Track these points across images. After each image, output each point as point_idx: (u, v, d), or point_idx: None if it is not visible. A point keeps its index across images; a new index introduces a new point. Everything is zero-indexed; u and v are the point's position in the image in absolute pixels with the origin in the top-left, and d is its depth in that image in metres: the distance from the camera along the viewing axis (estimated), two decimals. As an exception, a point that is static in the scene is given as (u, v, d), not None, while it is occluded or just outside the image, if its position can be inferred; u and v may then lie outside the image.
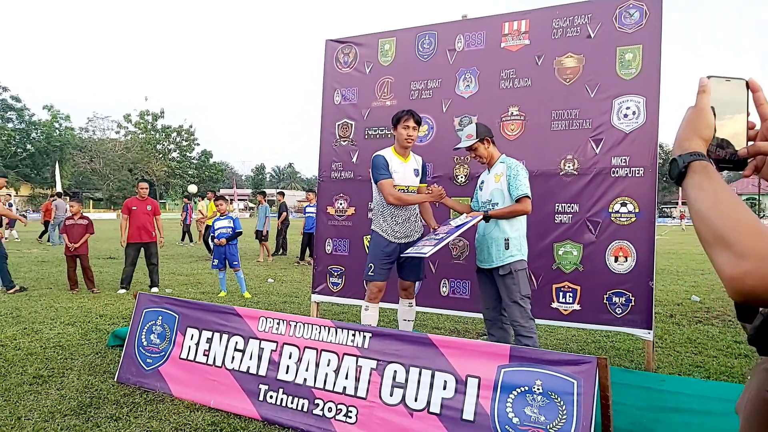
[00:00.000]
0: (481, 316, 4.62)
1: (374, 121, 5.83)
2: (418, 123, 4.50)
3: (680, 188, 0.96)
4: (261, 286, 9.54)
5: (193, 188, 26.44)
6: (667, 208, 47.51)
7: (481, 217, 3.99)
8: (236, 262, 8.60)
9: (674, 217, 45.10)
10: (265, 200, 14.64)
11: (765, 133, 0.94)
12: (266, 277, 10.69)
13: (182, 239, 19.47)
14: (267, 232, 14.15)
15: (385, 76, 5.78)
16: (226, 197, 9.51)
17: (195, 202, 21.92)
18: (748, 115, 0.94)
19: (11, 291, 8.35)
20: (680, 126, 0.97)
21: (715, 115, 0.94)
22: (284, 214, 14.69)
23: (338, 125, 6.03)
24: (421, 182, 4.65)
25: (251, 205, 78.27)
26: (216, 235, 8.62)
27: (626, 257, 4.72)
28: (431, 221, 4.56)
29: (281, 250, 15.48)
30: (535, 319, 4.15)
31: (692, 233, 30.68)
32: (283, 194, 15.36)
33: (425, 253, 3.91)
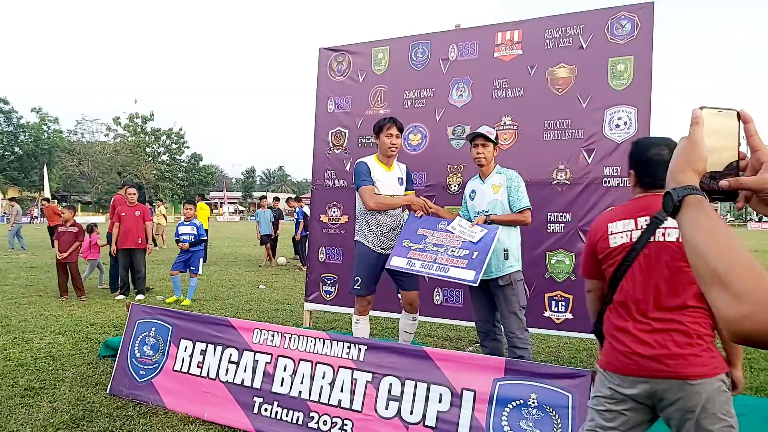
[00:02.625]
0: (474, 324, 4.63)
1: (368, 130, 5.81)
2: (401, 130, 4.44)
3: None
4: (252, 292, 9.50)
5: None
6: (655, 211, 47.80)
7: (498, 227, 3.93)
8: (194, 268, 8.52)
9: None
10: (268, 205, 14.64)
11: (754, 165, 0.94)
12: (257, 283, 10.65)
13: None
14: (277, 236, 14.38)
15: (378, 85, 5.80)
16: (196, 202, 9.35)
17: (154, 207, 21.82)
18: (739, 145, 0.95)
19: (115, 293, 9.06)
20: (673, 157, 0.98)
21: (707, 146, 0.95)
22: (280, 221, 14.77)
23: (332, 133, 6.04)
24: (406, 190, 4.56)
25: (241, 208, 78.07)
26: (180, 239, 8.51)
27: (618, 266, 4.74)
28: None
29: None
30: (528, 328, 4.17)
31: (681, 237, 30.94)
32: (278, 200, 15.49)
33: (474, 281, 3.71)
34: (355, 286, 4.46)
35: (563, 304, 4.93)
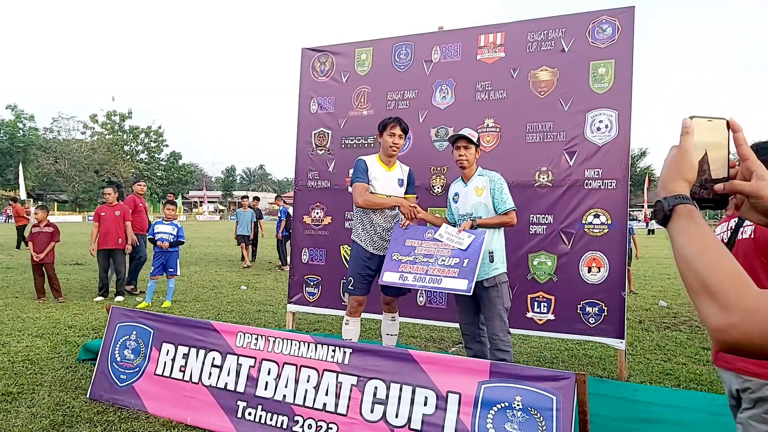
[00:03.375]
0: (457, 325, 4.64)
1: (351, 131, 5.83)
2: (405, 131, 4.43)
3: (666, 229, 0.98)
4: (234, 293, 9.42)
5: None
6: (633, 211, 48.67)
7: (485, 231, 3.95)
8: (172, 269, 8.41)
9: (639, 220, 46.09)
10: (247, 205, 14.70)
11: (744, 173, 0.97)
12: (239, 284, 10.57)
13: None
14: (257, 236, 14.44)
15: (361, 86, 5.79)
16: (175, 203, 9.17)
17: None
18: (729, 154, 0.97)
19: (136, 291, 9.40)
20: (664, 166, 0.99)
21: (697, 153, 0.97)
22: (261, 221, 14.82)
23: (315, 134, 6.02)
24: (407, 193, 4.54)
25: (221, 207, 77.44)
26: (157, 238, 8.33)
27: (599, 268, 4.81)
28: None
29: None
30: (511, 329, 4.19)
31: (658, 237, 31.35)
32: (258, 199, 15.60)
33: (467, 290, 3.74)
34: (349, 286, 4.47)
35: (545, 305, 4.97)
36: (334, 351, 3.42)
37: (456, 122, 5.30)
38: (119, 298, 8.57)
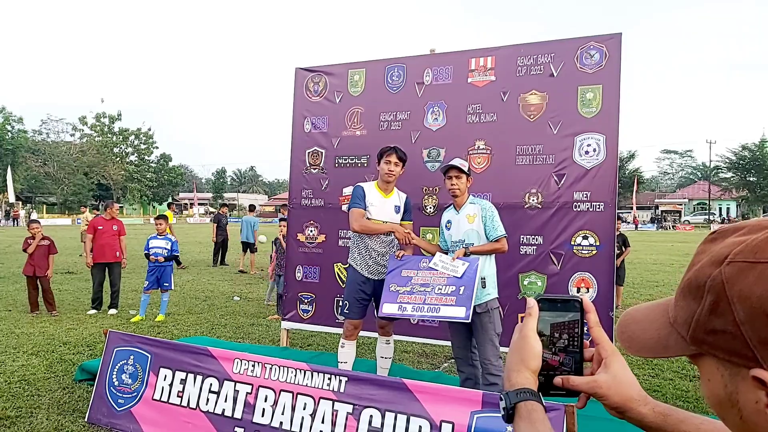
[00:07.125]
0: (449, 342, 4.73)
1: (344, 150, 5.91)
2: (401, 159, 4.53)
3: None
4: (227, 305, 9.46)
5: None
6: (621, 213, 49.16)
7: (478, 258, 4.05)
8: (167, 284, 8.45)
9: (628, 222, 46.61)
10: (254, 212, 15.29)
11: (597, 357, 0.90)
12: (231, 294, 10.62)
13: None
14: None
15: (355, 106, 5.87)
16: (166, 216, 9.23)
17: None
18: (581, 336, 0.91)
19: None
20: (509, 352, 0.92)
21: (550, 338, 0.91)
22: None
23: (308, 153, 6.09)
24: (403, 219, 4.63)
25: (212, 209, 77.20)
26: (152, 253, 8.41)
27: (588, 288, 4.92)
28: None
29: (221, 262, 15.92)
30: (502, 347, 4.29)
31: (645, 241, 31.59)
32: (226, 206, 16.27)
33: (465, 317, 3.85)
34: (345, 310, 4.57)
35: (535, 324, 5.07)
36: (330, 379, 3.50)
37: (447, 144, 5.40)
38: (113, 311, 8.60)
